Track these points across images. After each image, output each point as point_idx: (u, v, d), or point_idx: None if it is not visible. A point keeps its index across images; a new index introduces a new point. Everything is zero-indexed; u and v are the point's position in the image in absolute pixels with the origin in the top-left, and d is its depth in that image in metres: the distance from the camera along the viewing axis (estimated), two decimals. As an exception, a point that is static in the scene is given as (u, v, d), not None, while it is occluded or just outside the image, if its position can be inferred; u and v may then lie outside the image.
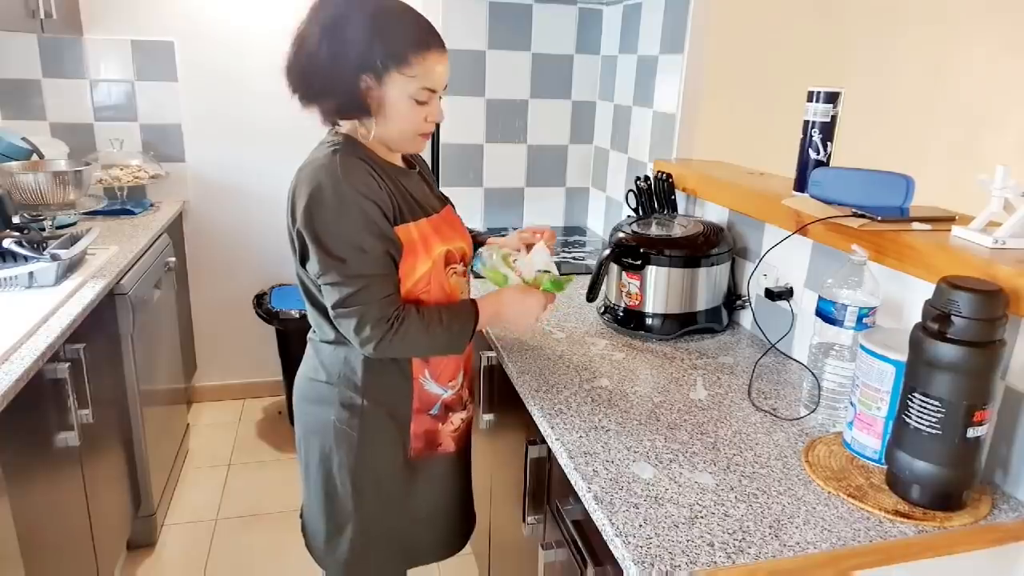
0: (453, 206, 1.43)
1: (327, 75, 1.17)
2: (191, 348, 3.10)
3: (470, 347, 1.44)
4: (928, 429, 1.01)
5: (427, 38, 1.20)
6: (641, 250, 1.66)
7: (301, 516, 1.52)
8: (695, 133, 2.25)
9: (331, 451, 1.35)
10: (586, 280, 1.70)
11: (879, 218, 1.30)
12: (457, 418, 1.45)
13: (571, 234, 2.81)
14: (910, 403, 1.02)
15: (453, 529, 1.54)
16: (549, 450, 1.29)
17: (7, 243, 1.79)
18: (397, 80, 1.18)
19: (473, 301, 1.31)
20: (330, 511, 1.39)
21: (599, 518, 1.01)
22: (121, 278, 2.00)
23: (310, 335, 1.39)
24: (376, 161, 1.25)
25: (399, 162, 1.33)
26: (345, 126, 1.27)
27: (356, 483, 1.35)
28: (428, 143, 1.32)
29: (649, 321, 1.69)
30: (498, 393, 1.67)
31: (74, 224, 2.40)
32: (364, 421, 1.33)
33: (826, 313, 1.26)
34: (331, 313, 1.23)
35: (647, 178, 1.94)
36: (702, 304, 1.70)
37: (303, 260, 1.25)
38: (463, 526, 1.58)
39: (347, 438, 1.33)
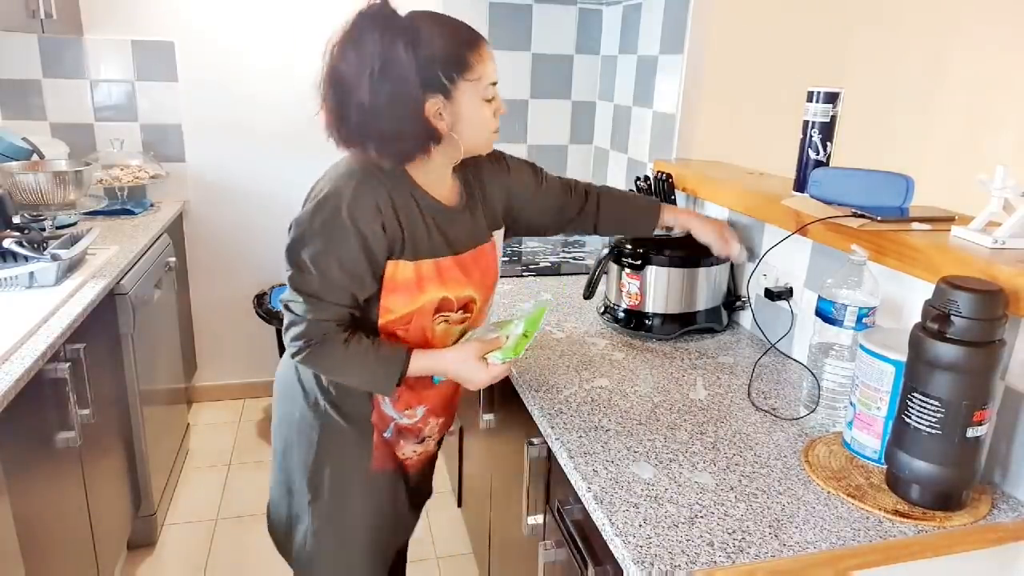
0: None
1: (392, 116, 1.12)
2: (191, 348, 3.10)
3: (446, 390, 1.39)
4: (928, 429, 1.01)
5: (472, 35, 1.17)
6: (641, 250, 1.66)
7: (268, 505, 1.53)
8: (695, 133, 2.25)
9: (293, 446, 1.37)
10: (584, 279, 1.70)
11: (879, 218, 1.30)
12: (409, 448, 1.42)
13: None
14: (910, 403, 1.03)
15: (392, 544, 1.51)
16: (549, 450, 1.29)
17: (7, 243, 1.79)
18: (465, 88, 1.15)
19: (409, 349, 1.24)
20: (288, 502, 1.42)
21: (599, 518, 1.01)
22: (121, 278, 2.00)
23: None
24: (418, 192, 1.21)
25: (443, 196, 1.26)
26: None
27: (312, 480, 1.36)
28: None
29: (649, 321, 1.69)
30: (498, 393, 1.67)
31: (74, 224, 2.40)
32: (324, 422, 1.34)
33: (826, 313, 1.26)
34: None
35: (647, 178, 1.94)
36: (702, 304, 1.70)
37: None
38: (403, 543, 1.61)
39: (307, 436, 1.35)
